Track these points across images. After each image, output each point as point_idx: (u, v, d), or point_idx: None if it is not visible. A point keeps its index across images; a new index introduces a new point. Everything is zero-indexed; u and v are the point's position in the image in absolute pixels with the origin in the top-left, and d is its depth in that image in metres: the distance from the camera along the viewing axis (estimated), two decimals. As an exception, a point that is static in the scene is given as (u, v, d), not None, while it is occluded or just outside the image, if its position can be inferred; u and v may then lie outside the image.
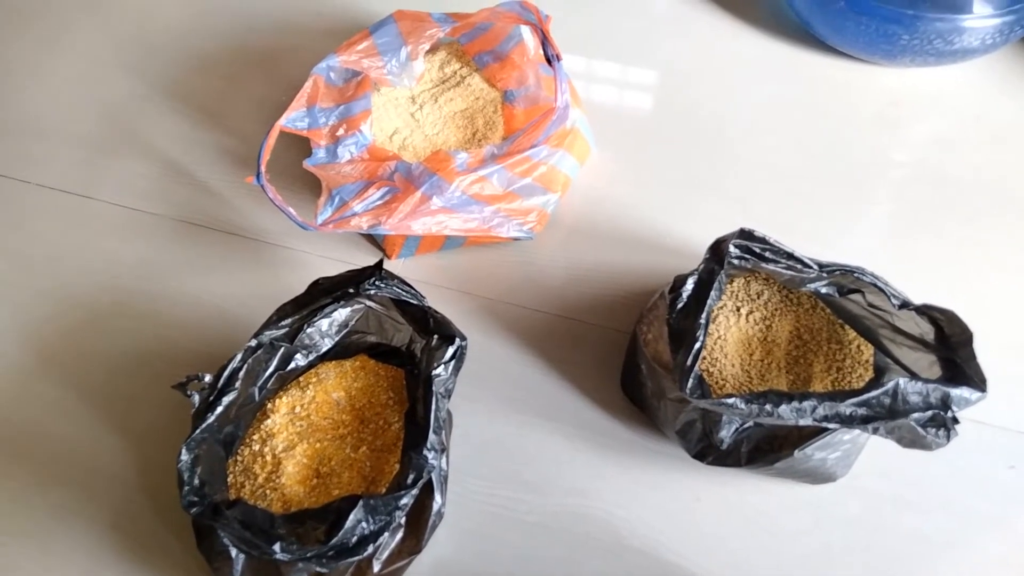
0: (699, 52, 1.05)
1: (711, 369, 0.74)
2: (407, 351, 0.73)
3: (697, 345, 0.62)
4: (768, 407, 0.60)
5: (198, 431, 0.62)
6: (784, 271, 0.68)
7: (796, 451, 0.67)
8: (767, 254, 0.67)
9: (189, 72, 1.05)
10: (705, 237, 0.73)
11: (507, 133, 0.90)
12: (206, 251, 0.90)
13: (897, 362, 0.70)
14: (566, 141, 0.87)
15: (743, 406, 0.60)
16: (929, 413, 0.61)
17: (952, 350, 0.66)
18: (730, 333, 0.76)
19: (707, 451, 0.71)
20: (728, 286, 0.78)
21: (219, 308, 0.86)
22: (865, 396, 0.61)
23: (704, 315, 0.63)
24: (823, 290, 0.70)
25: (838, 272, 0.69)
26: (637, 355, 0.75)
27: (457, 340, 0.66)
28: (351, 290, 0.67)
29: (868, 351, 0.75)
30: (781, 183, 0.93)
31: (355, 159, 0.85)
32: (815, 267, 0.68)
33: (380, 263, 0.69)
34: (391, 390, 0.72)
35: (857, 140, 0.96)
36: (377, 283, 0.67)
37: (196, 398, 0.63)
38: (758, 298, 0.78)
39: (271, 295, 0.78)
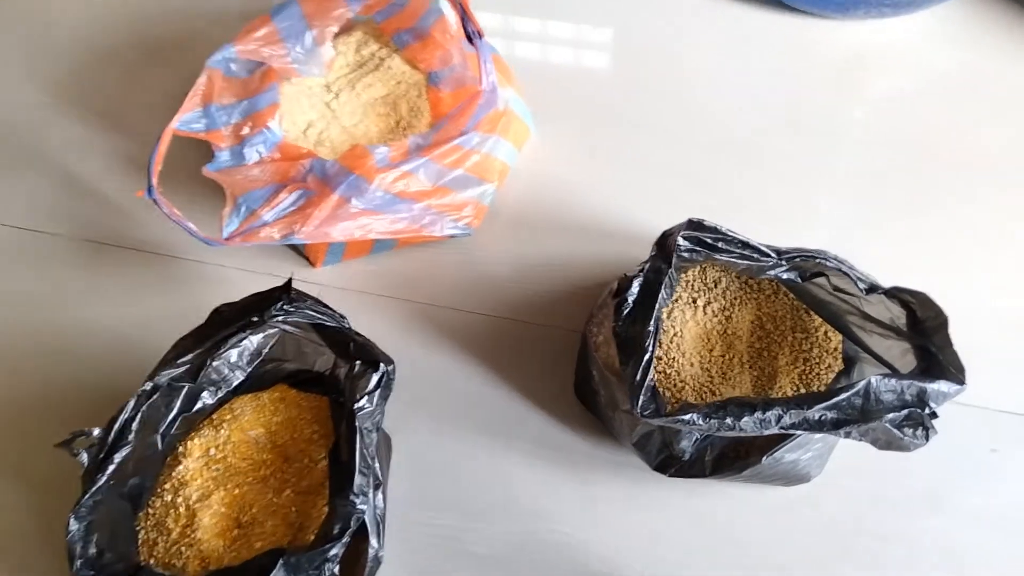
0: (646, 19, 0.97)
1: (668, 371, 0.67)
2: (331, 377, 0.65)
3: (647, 356, 0.55)
4: (729, 420, 0.54)
5: (88, 495, 0.55)
6: (739, 261, 0.61)
7: (765, 457, 0.61)
8: (720, 244, 0.61)
9: (82, 69, 0.94)
10: (663, 219, 0.67)
11: (434, 119, 0.82)
12: (113, 272, 0.81)
13: (868, 351, 0.65)
14: (499, 125, 0.79)
15: (701, 422, 0.54)
16: (904, 412, 0.56)
17: (926, 336, 0.60)
18: (687, 329, 0.69)
19: (669, 463, 0.64)
20: (682, 276, 0.71)
21: (131, 337, 0.78)
22: (834, 399, 0.55)
23: (653, 321, 0.56)
24: (784, 276, 0.64)
25: (798, 258, 0.62)
26: (589, 360, 0.69)
27: (382, 366, 0.59)
28: (255, 318, 0.59)
29: (836, 338, 0.69)
30: (741, 157, 0.86)
31: (264, 160, 0.76)
32: (773, 255, 0.62)
33: (288, 284, 0.61)
34: (315, 422, 0.65)
35: (819, 105, 0.89)
36: (286, 307, 0.59)
37: (84, 457, 0.56)
38: (715, 287, 0.71)
39: (189, 317, 0.70)
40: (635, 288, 0.58)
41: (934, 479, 0.68)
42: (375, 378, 0.58)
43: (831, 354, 0.68)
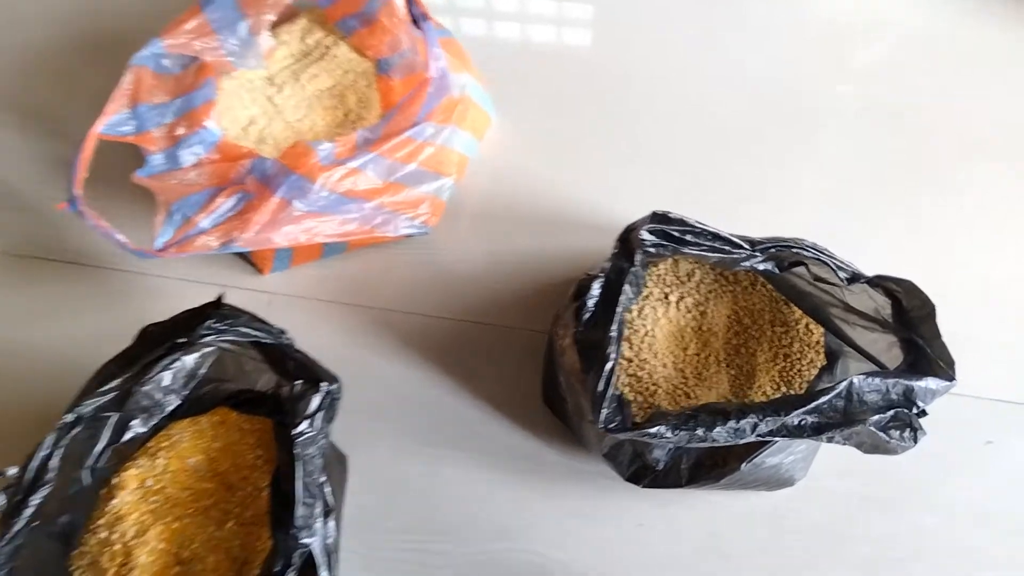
0: (607, -9, 0.92)
1: (639, 374, 0.63)
2: (274, 397, 0.60)
3: (609, 365, 0.50)
4: (700, 431, 0.50)
5: (5, 541, 0.50)
6: (710, 254, 0.57)
7: (744, 464, 0.57)
8: (688, 237, 0.56)
9: (12, 68, 0.89)
10: (636, 208, 0.62)
11: (385, 110, 0.76)
12: (46, 289, 0.76)
13: (851, 345, 0.60)
14: (455, 113, 0.74)
15: (670, 434, 0.50)
16: (890, 413, 0.51)
17: (912, 328, 0.56)
18: (659, 327, 0.64)
19: (642, 473, 0.60)
20: (653, 269, 0.67)
21: (68, 357, 0.72)
22: (814, 403, 0.50)
23: (616, 325, 0.52)
24: (761, 267, 0.59)
25: (774, 248, 0.57)
26: (555, 365, 0.64)
27: (324, 385, 0.54)
28: (182, 339, 0.54)
29: (818, 332, 0.64)
30: (717, 141, 0.81)
31: (202, 162, 0.71)
32: (746, 246, 0.57)
33: (219, 300, 0.56)
34: (259, 446, 0.60)
35: (798, 81, 0.84)
36: (215, 326, 0.54)
37: (2, 498, 0.51)
38: (688, 280, 0.67)
39: (129, 333, 0.65)
40: (596, 290, 0.53)
41: (926, 476, 0.64)
42: (316, 400, 0.53)
43: (813, 349, 0.64)
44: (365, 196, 0.70)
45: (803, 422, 0.51)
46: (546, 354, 0.68)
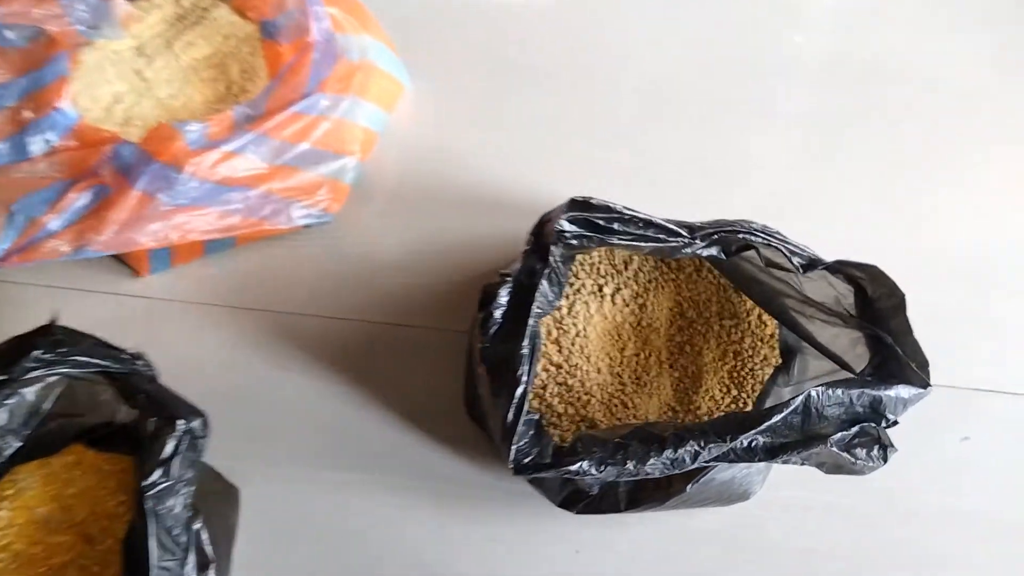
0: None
1: (569, 381, 0.54)
2: (136, 430, 0.51)
3: (520, 391, 0.42)
4: (631, 465, 0.41)
5: None
6: (643, 244, 0.48)
7: (690, 485, 0.49)
8: (615, 225, 0.47)
9: None
10: (570, 186, 0.54)
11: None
12: None
13: (810, 341, 0.52)
14: (354, 82, 0.64)
15: (594, 471, 0.41)
16: (855, 429, 0.44)
17: (879, 321, 0.48)
18: (592, 325, 0.56)
19: (574, 498, 0.52)
20: (584, 258, 0.58)
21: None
22: (766, 423, 0.42)
23: (527, 340, 0.43)
24: (704, 252, 0.51)
25: (716, 235, 0.49)
26: (475, 374, 0.55)
27: (180, 424, 0.45)
28: (3, 376, 0.44)
29: (772, 324, 0.56)
30: (657, 110, 0.72)
31: (55, 150, 0.60)
32: (684, 233, 0.48)
33: (48, 327, 0.46)
34: (121, 490, 0.51)
35: (748, 37, 0.75)
36: (44, 357, 0.44)
37: None
38: (625, 269, 0.58)
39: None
40: (503, 297, 0.44)
41: (897, 481, 0.57)
42: (171, 443, 0.44)
43: (766, 344, 0.56)
44: (248, 183, 0.60)
45: (753, 444, 0.43)
46: (466, 361, 0.59)
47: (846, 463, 0.43)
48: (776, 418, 0.42)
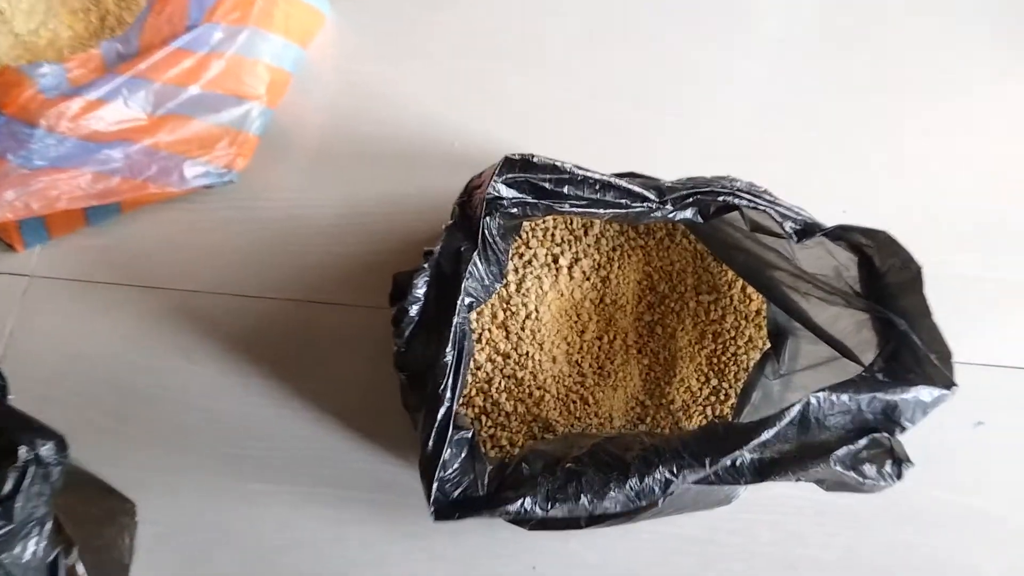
0: None
1: (519, 374, 0.45)
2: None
3: (442, 412, 0.33)
4: (585, 500, 0.33)
5: None
6: (601, 210, 0.38)
7: (661, 500, 0.41)
8: (565, 189, 0.37)
9: None
10: (518, 133, 0.44)
11: (159, 11, 0.54)
12: None
13: (804, 322, 0.43)
14: (254, 9, 0.52)
15: (538, 509, 0.33)
16: (863, 442, 0.35)
17: (890, 299, 0.39)
18: (547, 304, 0.47)
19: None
20: (537, 225, 0.48)
21: None
22: (756, 439, 0.34)
23: (450, 347, 0.33)
24: (678, 216, 0.41)
25: (691, 197, 0.39)
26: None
27: (23, 453, 0.35)
28: None
29: (758, 299, 0.47)
30: (624, 44, 0.61)
31: None
32: (651, 196, 0.39)
33: None
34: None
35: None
36: None
37: None
38: (585, 234, 0.48)
39: None
40: (420, 288, 0.35)
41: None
42: (11, 478, 0.35)
43: (751, 323, 0.47)
44: (127, 136, 0.49)
45: (739, 463, 0.34)
46: (397, 347, 0.50)
47: (852, 481, 0.35)
48: (767, 434, 0.33)
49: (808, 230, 0.40)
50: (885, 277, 0.40)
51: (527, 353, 0.46)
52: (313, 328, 0.53)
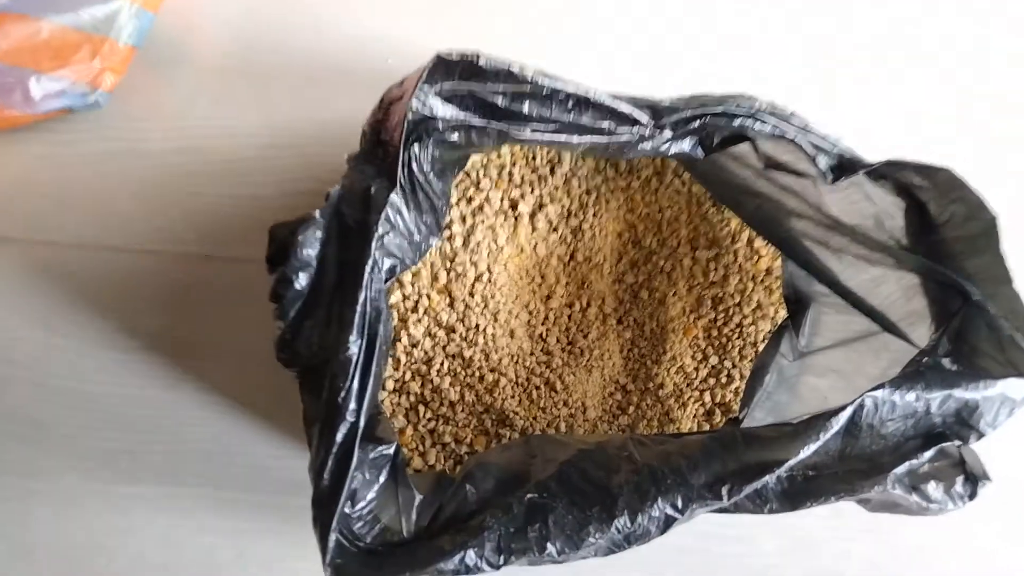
0: None
1: (467, 353, 0.35)
2: None
3: (342, 433, 0.22)
4: (555, 548, 0.23)
5: None
6: (575, 137, 0.28)
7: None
8: (527, 107, 0.27)
9: None
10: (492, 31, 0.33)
11: None
12: None
13: (833, 285, 0.34)
14: None
15: (492, 563, 0.23)
16: (928, 454, 0.26)
17: (952, 258, 0.30)
18: (501, 263, 0.36)
19: (473, 532, 0.34)
20: (490, 160, 0.37)
21: None
22: (796, 457, 0.24)
23: (355, 333, 0.23)
24: (673, 149, 0.31)
25: (697, 120, 0.29)
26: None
27: None
28: None
29: (768, 254, 0.38)
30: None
31: None
32: (643, 118, 0.28)
33: None
34: None
35: None
36: None
37: None
38: (552, 173, 0.38)
39: None
40: (309, 247, 0.24)
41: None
42: None
43: (760, 285, 0.37)
44: (-59, 42, 0.37)
45: (764, 490, 0.25)
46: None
47: (911, 505, 0.26)
48: (806, 451, 0.24)
49: (847, 166, 0.30)
50: (943, 229, 0.31)
51: (477, 326, 0.35)
52: (207, 290, 0.42)
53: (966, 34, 0.49)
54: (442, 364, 0.35)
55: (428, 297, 0.35)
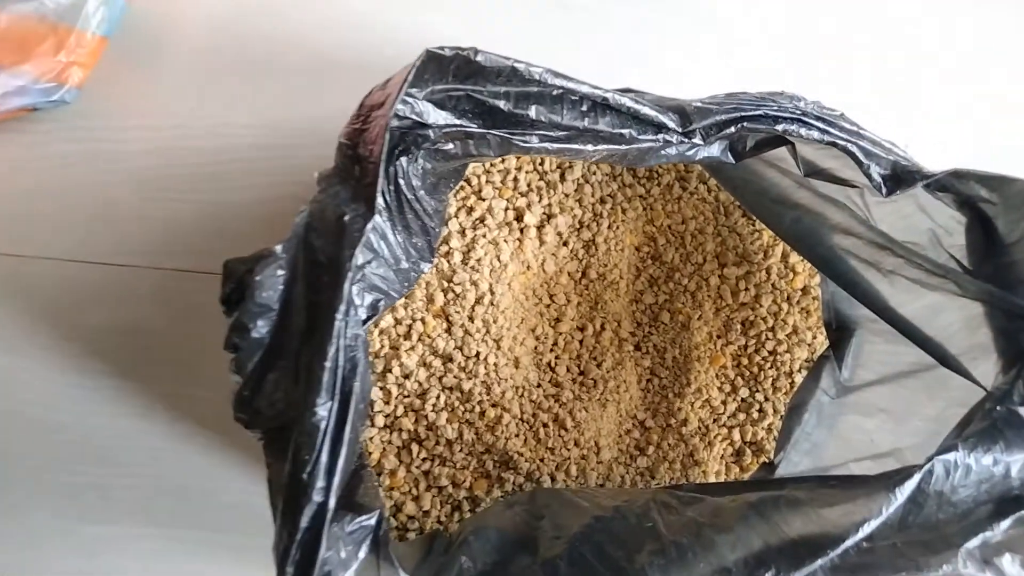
0: None
1: (466, 386, 0.31)
2: None
3: (310, 511, 0.18)
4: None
5: None
6: (591, 147, 0.24)
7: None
8: (534, 111, 0.23)
9: None
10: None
11: None
12: None
13: (882, 312, 0.30)
14: None
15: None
16: (1006, 523, 0.22)
17: (1021, 283, 0.26)
18: (505, 282, 0.32)
19: None
20: (493, 165, 0.33)
21: None
22: (856, 536, 0.20)
23: (325, 395, 0.19)
24: (701, 155, 0.27)
25: (733, 125, 0.25)
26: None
27: None
28: None
29: (805, 271, 0.34)
30: None
31: None
32: (671, 123, 0.25)
33: None
34: None
35: None
36: None
37: None
38: (562, 180, 0.34)
39: None
40: (269, 288, 0.20)
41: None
42: None
43: (797, 307, 0.33)
44: None
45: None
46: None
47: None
48: (863, 532, 0.20)
49: (904, 177, 0.26)
50: (1013, 249, 0.26)
51: (478, 354, 0.31)
52: (185, 308, 0.39)
53: (966, 34, 0.45)
54: (438, 398, 0.31)
55: (423, 321, 0.32)
